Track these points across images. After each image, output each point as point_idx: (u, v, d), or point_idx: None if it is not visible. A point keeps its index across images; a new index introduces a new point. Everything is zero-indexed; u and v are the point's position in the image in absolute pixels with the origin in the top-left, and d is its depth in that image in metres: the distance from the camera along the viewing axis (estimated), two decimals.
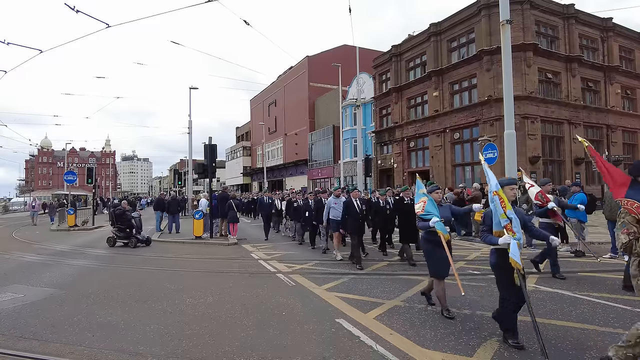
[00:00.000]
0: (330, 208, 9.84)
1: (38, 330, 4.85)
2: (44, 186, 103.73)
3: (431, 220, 4.95)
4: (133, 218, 12.94)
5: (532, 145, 20.86)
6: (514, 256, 3.79)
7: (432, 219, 4.96)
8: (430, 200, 5.24)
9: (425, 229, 5.09)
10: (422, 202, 5.26)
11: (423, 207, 5.17)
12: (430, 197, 5.30)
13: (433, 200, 5.25)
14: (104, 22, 10.63)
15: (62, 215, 22.87)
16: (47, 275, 8.35)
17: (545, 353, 3.49)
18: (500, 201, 4.03)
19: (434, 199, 5.31)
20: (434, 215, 5.02)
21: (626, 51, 26.04)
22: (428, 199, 5.23)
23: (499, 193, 4.07)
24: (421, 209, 5.18)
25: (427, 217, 5.04)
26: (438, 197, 5.40)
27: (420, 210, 5.19)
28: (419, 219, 5.25)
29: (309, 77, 44.24)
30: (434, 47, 25.47)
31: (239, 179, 61.78)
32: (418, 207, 5.27)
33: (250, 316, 5.25)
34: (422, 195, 5.41)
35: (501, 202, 4.02)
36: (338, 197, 9.83)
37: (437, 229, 4.90)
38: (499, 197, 4.05)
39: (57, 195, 46.46)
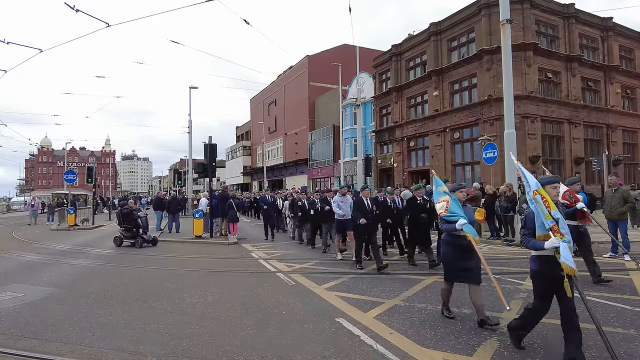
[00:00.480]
0: (337, 207, 9.53)
1: (38, 329, 4.85)
2: (44, 185, 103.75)
3: (458, 222, 4.55)
4: (139, 218, 12.79)
5: (532, 145, 20.86)
6: (567, 260, 3.40)
7: (459, 220, 4.56)
8: (454, 199, 4.83)
9: (450, 231, 4.72)
10: (444, 201, 4.85)
11: (446, 207, 4.75)
12: (453, 196, 4.88)
13: (457, 200, 4.84)
14: (104, 22, 10.66)
15: (62, 215, 22.88)
16: (47, 274, 8.35)
17: None
18: (543, 201, 3.68)
19: (458, 198, 4.89)
20: (460, 216, 4.62)
21: (626, 51, 26.03)
22: (451, 199, 4.83)
23: (541, 192, 3.73)
24: (444, 210, 4.76)
25: (451, 219, 4.66)
26: (462, 196, 4.96)
27: (444, 210, 4.77)
28: (442, 220, 4.84)
29: (309, 76, 44.25)
30: (434, 46, 25.46)
31: (239, 178, 61.80)
32: (440, 208, 4.84)
33: (250, 315, 5.25)
34: (443, 194, 5.00)
35: (544, 202, 3.67)
36: (344, 196, 9.61)
37: (466, 232, 4.51)
38: (541, 196, 3.70)
39: (57, 195, 46.48)
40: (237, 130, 71.20)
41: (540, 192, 3.75)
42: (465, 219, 4.58)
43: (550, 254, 3.60)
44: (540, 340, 4.09)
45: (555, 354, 3.79)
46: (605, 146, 23.70)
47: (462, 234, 4.58)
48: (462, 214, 4.65)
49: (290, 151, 47.97)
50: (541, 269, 3.72)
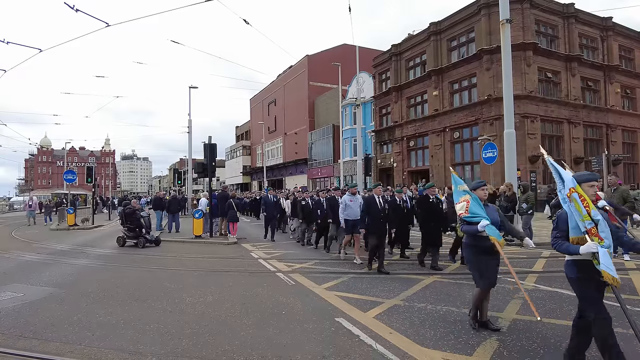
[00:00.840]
0: (345, 207, 9.00)
1: (38, 329, 4.85)
2: (43, 185, 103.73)
3: (480, 224, 4.23)
4: (142, 217, 12.68)
5: (532, 145, 20.87)
6: (607, 268, 3.04)
7: (481, 222, 4.23)
8: (475, 199, 4.50)
9: (472, 233, 4.38)
10: (464, 201, 4.53)
11: (467, 207, 4.43)
12: (474, 195, 4.55)
13: (478, 199, 4.51)
14: (104, 21, 10.65)
15: (62, 215, 22.83)
16: (46, 274, 8.35)
17: None
18: (581, 200, 3.29)
19: (479, 196, 4.55)
20: (482, 217, 4.30)
21: (626, 50, 26.05)
22: (471, 198, 4.49)
23: (578, 190, 3.34)
24: (464, 210, 4.43)
25: (473, 220, 4.34)
26: (484, 195, 4.61)
27: (464, 211, 4.44)
28: (463, 221, 4.51)
29: (309, 76, 44.26)
30: (433, 46, 25.48)
31: (238, 178, 61.81)
32: (460, 208, 4.52)
33: (250, 315, 5.25)
34: (463, 193, 4.67)
35: (583, 202, 3.28)
36: (354, 195, 9.11)
37: (489, 234, 4.19)
38: (578, 194, 3.31)
39: (57, 195, 46.48)
40: (237, 130, 71.19)
41: (578, 190, 3.36)
42: (488, 220, 4.27)
43: (587, 259, 3.24)
44: (540, 340, 4.09)
45: (554, 354, 3.79)
46: (604, 146, 23.74)
47: (484, 235, 4.27)
48: (483, 215, 4.34)
49: (290, 151, 47.96)
50: (580, 275, 3.36)
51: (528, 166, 20.45)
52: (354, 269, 8.26)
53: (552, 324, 4.64)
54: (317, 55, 44.28)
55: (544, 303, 5.47)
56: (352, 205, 8.92)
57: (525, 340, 4.12)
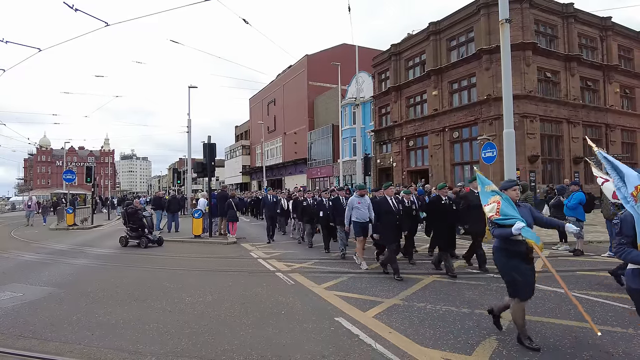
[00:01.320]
0: (353, 208, 8.48)
1: (37, 329, 4.84)
2: (43, 185, 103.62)
3: (514, 227, 3.85)
4: (144, 217, 12.63)
5: (532, 144, 20.88)
6: None
7: (516, 224, 3.85)
8: (506, 199, 4.16)
9: (506, 236, 4.00)
10: (494, 202, 4.21)
11: (498, 209, 4.10)
12: (504, 195, 4.21)
13: (509, 200, 4.16)
14: (103, 21, 10.63)
15: (61, 214, 22.81)
16: (46, 274, 8.34)
17: None
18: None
19: (510, 197, 4.20)
20: (517, 218, 3.92)
21: (625, 50, 26.07)
22: (502, 199, 4.16)
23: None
24: (495, 212, 4.10)
25: (505, 222, 3.98)
26: (516, 195, 4.24)
27: (495, 213, 4.11)
28: (494, 224, 4.13)
29: (308, 76, 44.23)
30: (433, 46, 25.47)
31: (238, 177, 61.78)
32: (490, 210, 4.19)
33: (250, 315, 5.25)
34: (492, 194, 4.36)
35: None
36: (362, 197, 8.60)
37: (526, 237, 3.84)
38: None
39: (56, 194, 46.42)
40: (236, 129, 71.14)
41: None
42: (523, 222, 3.89)
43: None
44: (539, 340, 4.10)
45: (553, 353, 3.80)
46: (604, 146, 23.73)
47: (519, 239, 3.94)
48: (517, 216, 3.98)
49: (289, 151, 47.95)
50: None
51: (527, 166, 20.45)
52: (354, 268, 8.25)
53: (551, 323, 4.65)
54: (317, 55, 44.26)
55: (544, 303, 5.47)
56: (360, 208, 8.43)
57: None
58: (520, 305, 4.01)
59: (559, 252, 9.59)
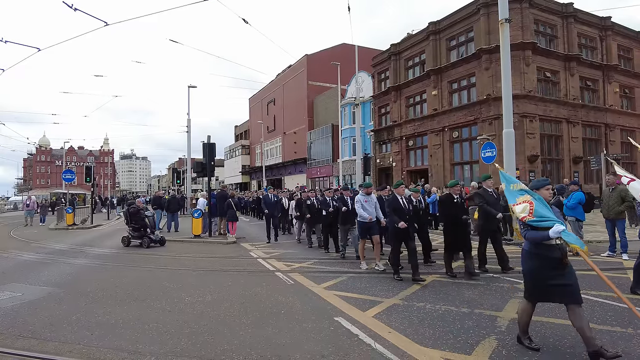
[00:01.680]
0: (361, 207, 8.19)
1: (36, 329, 4.84)
2: (42, 185, 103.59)
3: (553, 230, 3.51)
4: (147, 217, 12.57)
5: (531, 144, 20.89)
6: None
7: (555, 226, 3.52)
8: (539, 200, 3.83)
9: (542, 240, 3.66)
10: (524, 202, 3.89)
11: (530, 210, 3.77)
12: (537, 195, 3.90)
13: (543, 200, 3.83)
14: (102, 20, 10.61)
15: (61, 214, 22.79)
16: (45, 273, 8.34)
17: None
18: None
19: (544, 197, 3.88)
20: (554, 221, 3.60)
21: (625, 50, 26.07)
22: (534, 199, 3.84)
23: None
24: (528, 214, 3.77)
25: (541, 225, 3.65)
26: (549, 195, 3.94)
27: (528, 214, 3.76)
28: (526, 226, 3.79)
29: (308, 75, 44.22)
30: (432, 45, 25.47)
31: (237, 177, 61.78)
32: (521, 211, 3.84)
33: (249, 315, 5.25)
34: (521, 193, 4.03)
35: None
36: (369, 195, 8.33)
37: (569, 241, 3.53)
38: None
39: (55, 194, 46.43)
40: (236, 129, 71.12)
41: None
42: (562, 224, 3.57)
43: None
44: (539, 340, 4.10)
45: (553, 353, 3.80)
46: (603, 145, 23.76)
47: (555, 243, 3.63)
48: (554, 218, 3.66)
49: (289, 150, 47.95)
50: None
51: (527, 165, 20.46)
52: (353, 268, 8.25)
53: (551, 323, 4.65)
54: (316, 55, 44.25)
55: (543, 302, 5.46)
56: (367, 206, 8.15)
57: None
58: (529, 306, 3.94)
59: None
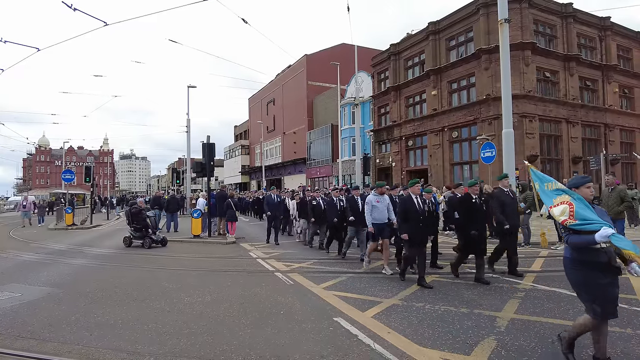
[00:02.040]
0: (372, 208, 7.82)
1: (35, 329, 4.84)
2: (41, 185, 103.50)
3: (600, 233, 3.05)
4: (148, 217, 12.50)
5: (530, 144, 20.91)
6: None
7: (602, 230, 3.06)
8: (580, 200, 3.38)
9: (585, 245, 3.25)
10: (564, 203, 3.44)
11: (571, 212, 3.33)
12: (577, 195, 3.44)
13: (584, 200, 3.39)
14: (102, 21, 10.62)
15: (60, 214, 22.75)
16: (44, 274, 8.33)
17: None
18: None
19: (584, 196, 3.43)
20: (600, 223, 3.16)
21: (624, 50, 26.10)
22: (574, 199, 3.41)
23: None
24: (569, 216, 3.32)
25: (586, 228, 3.21)
26: (590, 194, 3.49)
27: (568, 217, 3.32)
28: (568, 230, 3.35)
29: (308, 75, 44.21)
30: (432, 45, 25.48)
31: (237, 177, 61.76)
32: (560, 213, 3.41)
33: (249, 315, 5.25)
34: (559, 193, 3.60)
35: None
36: (382, 195, 7.95)
37: (620, 246, 3.04)
38: None
39: (55, 194, 46.41)
40: (236, 129, 71.10)
41: None
42: (611, 227, 3.11)
43: None
44: (538, 340, 4.10)
45: (552, 353, 3.80)
46: (602, 145, 23.77)
47: (601, 247, 3.21)
48: (599, 220, 3.22)
49: (288, 150, 47.94)
50: None
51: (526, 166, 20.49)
52: (353, 268, 8.25)
53: (550, 323, 4.65)
54: (316, 55, 44.25)
55: (542, 303, 5.47)
56: (379, 207, 7.79)
57: (523, 339, 4.13)
58: (595, 324, 3.44)
59: (558, 251, 9.60)
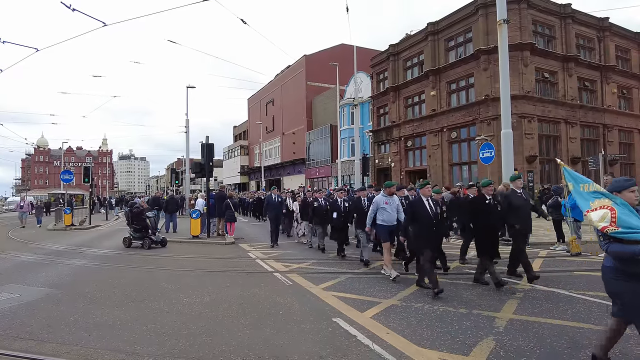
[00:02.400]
0: (378, 209, 7.44)
1: (34, 330, 4.83)
2: (40, 185, 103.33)
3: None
4: (148, 218, 12.45)
5: (529, 145, 20.92)
6: None
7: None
8: (623, 205, 3.10)
9: (632, 256, 2.96)
10: (604, 208, 3.17)
11: (613, 218, 3.04)
12: (619, 199, 3.16)
13: (628, 205, 3.11)
14: (101, 21, 10.63)
15: (59, 215, 22.69)
16: (43, 274, 8.32)
17: None
18: None
19: (628, 201, 3.15)
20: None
21: (622, 51, 26.12)
22: (616, 204, 3.12)
23: None
24: (610, 223, 3.04)
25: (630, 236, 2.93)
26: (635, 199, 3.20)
27: (609, 224, 3.03)
28: (609, 239, 3.07)
29: (307, 76, 44.24)
30: (431, 46, 25.49)
31: (236, 178, 61.74)
32: (600, 219, 3.13)
33: (247, 315, 5.24)
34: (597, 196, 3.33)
35: None
36: (391, 196, 7.51)
37: None
38: None
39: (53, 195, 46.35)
40: (235, 129, 71.09)
41: None
42: None
43: None
44: (537, 340, 4.11)
45: (551, 354, 3.81)
46: (601, 146, 23.78)
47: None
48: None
49: (287, 151, 47.95)
50: None
51: (525, 166, 20.48)
52: (352, 269, 8.26)
53: (548, 323, 4.65)
54: (315, 55, 44.28)
55: (541, 303, 5.48)
56: (388, 209, 7.38)
57: (521, 340, 4.13)
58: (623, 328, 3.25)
59: (557, 252, 9.62)
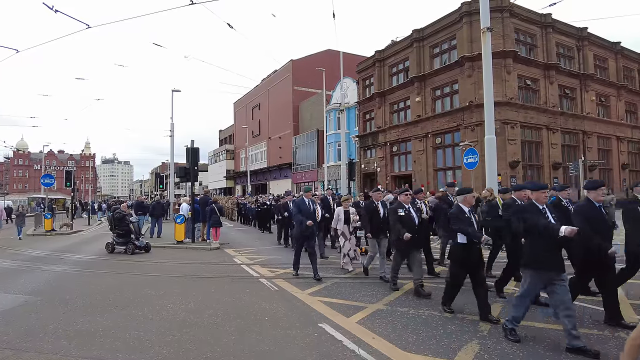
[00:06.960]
0: None
1: (11, 339, 4.68)
2: (19, 190, 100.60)
3: None
4: (131, 223, 12.23)
5: (512, 150, 21.31)
6: None
7: None
8: None
9: None
10: None
11: None
12: None
13: None
14: (84, 23, 10.46)
15: (39, 220, 22.13)
16: (21, 281, 8.09)
17: None
18: None
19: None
20: None
21: (601, 60, 26.92)
22: None
23: None
24: None
25: None
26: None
27: None
28: None
29: (293, 81, 44.29)
30: (416, 52, 25.82)
31: (222, 182, 61.28)
32: None
33: (232, 322, 5.19)
34: None
35: None
36: None
37: None
38: None
39: (33, 199, 45.25)
40: (220, 133, 70.61)
41: None
42: None
43: None
44: (520, 344, 4.16)
45: (534, 356, 3.86)
46: (581, 152, 24.39)
47: None
48: None
49: (274, 155, 47.83)
50: None
51: (508, 171, 20.85)
52: (338, 274, 8.26)
53: (532, 326, 4.72)
54: (302, 60, 44.37)
55: (536, 306, 5.54)
56: None
57: (505, 343, 4.19)
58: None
59: None
